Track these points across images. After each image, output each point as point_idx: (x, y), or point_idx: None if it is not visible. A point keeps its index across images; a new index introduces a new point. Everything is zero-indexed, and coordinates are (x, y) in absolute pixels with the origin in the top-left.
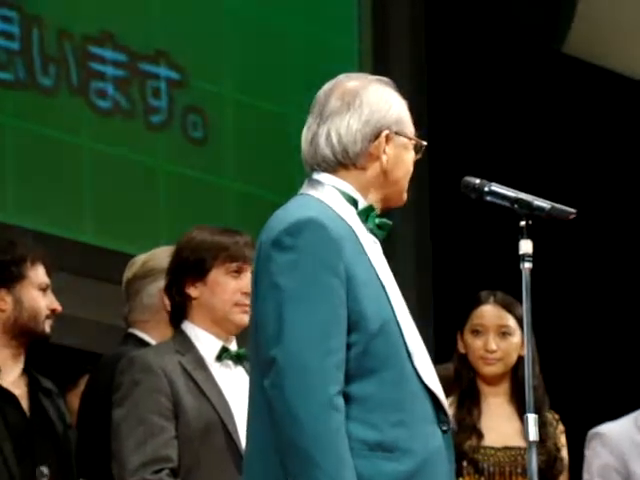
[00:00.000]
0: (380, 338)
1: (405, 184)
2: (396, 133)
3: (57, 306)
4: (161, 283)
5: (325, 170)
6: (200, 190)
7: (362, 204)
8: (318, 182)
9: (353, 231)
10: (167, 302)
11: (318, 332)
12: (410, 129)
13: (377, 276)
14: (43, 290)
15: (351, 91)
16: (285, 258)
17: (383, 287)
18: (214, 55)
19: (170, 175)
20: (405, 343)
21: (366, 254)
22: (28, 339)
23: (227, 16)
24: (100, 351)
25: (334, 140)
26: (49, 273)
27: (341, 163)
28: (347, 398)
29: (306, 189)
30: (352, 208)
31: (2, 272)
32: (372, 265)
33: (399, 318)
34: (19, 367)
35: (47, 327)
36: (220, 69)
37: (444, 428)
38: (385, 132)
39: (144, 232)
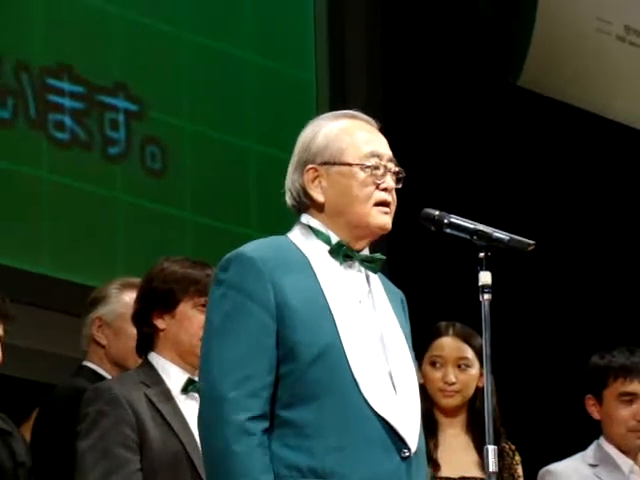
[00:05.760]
0: (318, 365)
1: (360, 210)
2: (325, 163)
3: None
4: (93, 314)
5: (300, 211)
6: (158, 221)
7: (334, 240)
8: (297, 222)
9: (307, 261)
10: (97, 332)
11: (232, 363)
12: (356, 153)
13: (325, 303)
14: None
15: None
16: (216, 293)
17: (330, 313)
18: (172, 87)
19: (128, 206)
20: (350, 370)
21: (316, 282)
22: None
23: (185, 48)
24: (54, 383)
25: (286, 187)
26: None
27: (299, 206)
28: (283, 424)
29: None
30: (323, 245)
31: None
32: (321, 292)
33: (346, 344)
34: None
35: None
36: (178, 101)
37: (404, 454)
38: (308, 166)
39: (101, 263)
